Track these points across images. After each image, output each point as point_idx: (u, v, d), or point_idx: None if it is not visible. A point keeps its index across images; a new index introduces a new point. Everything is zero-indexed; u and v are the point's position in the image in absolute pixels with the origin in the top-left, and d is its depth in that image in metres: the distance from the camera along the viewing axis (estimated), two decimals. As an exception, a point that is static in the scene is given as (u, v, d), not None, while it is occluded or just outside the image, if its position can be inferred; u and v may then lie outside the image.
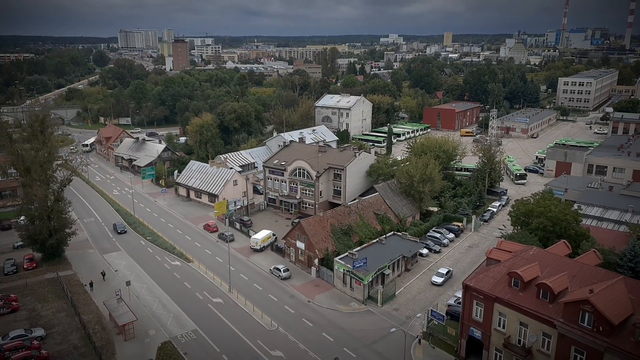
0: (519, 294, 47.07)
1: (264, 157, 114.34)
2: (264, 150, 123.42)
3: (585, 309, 41.58)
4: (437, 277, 69.53)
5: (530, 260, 49.57)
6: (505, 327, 48.11)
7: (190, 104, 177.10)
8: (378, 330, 58.32)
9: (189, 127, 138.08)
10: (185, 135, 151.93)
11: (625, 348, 39.43)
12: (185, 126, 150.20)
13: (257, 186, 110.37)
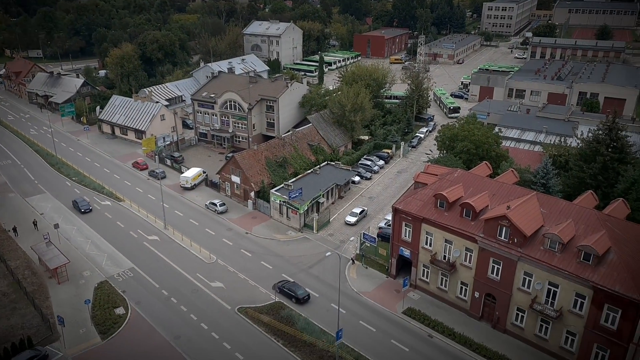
0: (444, 214, 50.31)
1: (192, 89, 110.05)
2: (191, 82, 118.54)
3: (502, 224, 45.29)
4: (350, 216, 68.54)
5: (454, 182, 52.62)
6: (431, 245, 51.71)
7: (107, 33, 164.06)
8: (314, 255, 60.83)
9: (108, 59, 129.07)
10: (104, 68, 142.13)
11: (535, 256, 43.83)
12: (104, 58, 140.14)
13: (186, 121, 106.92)
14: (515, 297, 46.19)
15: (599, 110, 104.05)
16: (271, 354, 45.56)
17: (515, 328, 47.25)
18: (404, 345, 46.61)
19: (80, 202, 71.60)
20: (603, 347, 41.47)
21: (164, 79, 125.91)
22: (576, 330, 42.81)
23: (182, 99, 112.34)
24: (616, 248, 41.80)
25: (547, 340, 45.13)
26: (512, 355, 45.04)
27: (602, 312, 40.80)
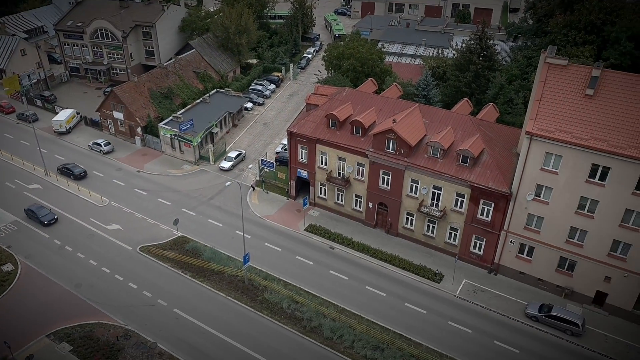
0: (336, 133, 51.94)
1: (54, 18, 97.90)
2: (51, 9, 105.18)
3: (389, 137, 47.91)
4: (225, 162, 64.16)
5: (344, 101, 53.99)
6: (327, 164, 53.63)
7: None
8: (213, 186, 60.45)
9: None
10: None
11: (420, 164, 47.43)
12: None
13: (52, 55, 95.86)
14: (404, 203, 50.24)
15: (470, 20, 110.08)
16: (180, 287, 45.97)
17: (406, 231, 51.85)
18: (308, 259, 49.34)
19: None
20: (480, 237, 47.22)
21: (18, 7, 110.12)
22: (458, 226, 48.06)
23: (44, 30, 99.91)
24: (488, 149, 46.47)
25: (434, 238, 50.28)
26: (404, 254, 49.72)
27: (478, 207, 45.97)
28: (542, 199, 42.46)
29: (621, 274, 41.29)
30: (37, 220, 53.74)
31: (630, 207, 38.80)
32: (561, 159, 40.22)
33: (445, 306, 44.29)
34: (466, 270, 48.05)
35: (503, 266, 47.18)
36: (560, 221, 42.39)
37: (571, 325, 40.92)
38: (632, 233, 39.53)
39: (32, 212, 54.25)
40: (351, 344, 40.13)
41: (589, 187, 39.85)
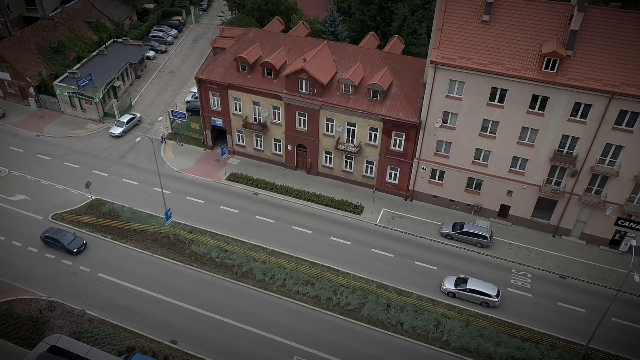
0: (247, 77, 50.74)
1: None
2: None
3: (302, 77, 47.63)
4: (116, 127, 59.04)
5: (251, 42, 52.43)
6: (241, 110, 52.64)
7: None
8: (123, 144, 57.59)
9: None
10: None
11: (334, 102, 47.92)
12: None
13: None
14: (322, 143, 50.99)
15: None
16: (102, 251, 44.48)
17: (326, 169, 53.02)
18: (233, 208, 49.35)
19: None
20: (394, 167, 49.41)
21: None
22: (373, 159, 49.83)
23: None
24: (397, 81, 47.75)
25: (352, 173, 51.92)
26: (326, 192, 51.13)
27: (391, 139, 47.75)
28: (449, 125, 44.87)
29: (520, 187, 45.40)
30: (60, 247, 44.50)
31: (525, 125, 42.13)
32: (464, 85, 42.35)
33: (368, 235, 46.65)
34: (384, 199, 50.48)
35: (418, 192, 50.06)
36: (466, 144, 45.23)
37: (481, 239, 44.88)
38: (528, 149, 43.19)
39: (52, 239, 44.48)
40: (283, 283, 41.50)
41: (489, 109, 42.57)
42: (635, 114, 38.44)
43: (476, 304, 39.96)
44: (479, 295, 39.70)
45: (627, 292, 41.15)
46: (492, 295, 39.58)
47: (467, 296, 40.05)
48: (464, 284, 40.52)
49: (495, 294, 39.69)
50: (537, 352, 36.40)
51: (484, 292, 39.71)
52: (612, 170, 41.24)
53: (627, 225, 43.43)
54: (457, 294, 40.42)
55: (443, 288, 41.01)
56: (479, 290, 39.76)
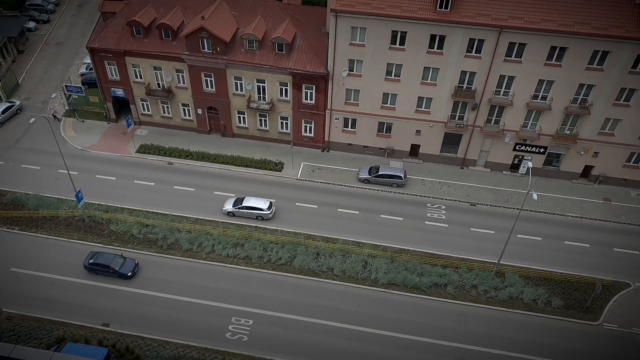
0: (144, 41, 47.91)
1: None
2: None
3: (202, 36, 45.75)
4: None
5: (144, 4, 49.20)
6: (142, 77, 49.93)
7: None
8: (16, 127, 52.96)
9: None
10: None
11: (239, 59, 46.75)
12: None
13: None
14: (233, 103, 49.99)
15: None
16: (11, 244, 41.58)
17: (240, 130, 52.29)
18: (148, 180, 47.67)
19: None
20: (309, 120, 49.75)
21: None
22: (287, 114, 49.77)
23: None
24: (300, 33, 47.30)
25: (268, 131, 51.67)
26: (244, 153, 50.71)
27: (302, 93, 47.79)
28: (356, 72, 45.59)
29: (427, 125, 47.67)
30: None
31: (427, 65, 43.80)
32: (365, 31, 42.87)
33: (291, 190, 47.26)
34: (302, 153, 51.02)
35: (333, 142, 51.04)
36: (374, 90, 46.35)
37: (396, 179, 47.05)
38: (431, 88, 45.13)
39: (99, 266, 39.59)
40: (212, 249, 41.37)
41: (392, 53, 43.63)
42: (522, 45, 41.17)
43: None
44: (253, 210, 43.61)
45: (528, 210, 45.41)
46: (264, 209, 43.56)
47: (243, 213, 43.91)
48: (240, 203, 44.03)
49: (267, 206, 43.83)
50: (457, 275, 39.61)
51: (257, 207, 43.53)
52: (507, 100, 44.32)
53: (523, 150, 47.39)
54: (235, 213, 44.14)
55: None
56: (253, 206, 43.54)
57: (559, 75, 42.13)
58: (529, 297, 38.18)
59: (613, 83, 41.61)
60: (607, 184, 48.06)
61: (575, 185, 48.36)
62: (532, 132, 45.93)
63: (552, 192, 47.37)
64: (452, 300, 38.20)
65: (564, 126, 45.27)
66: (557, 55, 41.26)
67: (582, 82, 42.13)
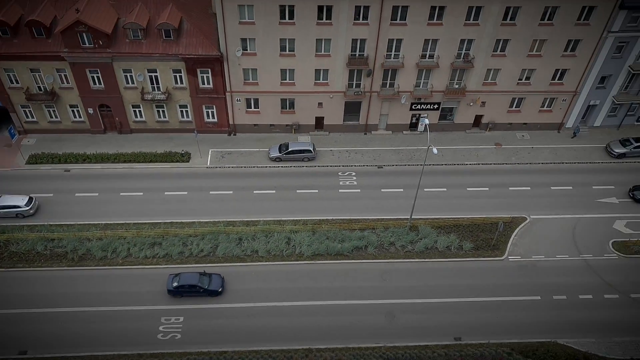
0: (14, 42, 43.77)
1: None
2: None
3: (80, 30, 42.64)
4: None
5: (5, 1, 44.70)
6: (19, 82, 45.79)
7: None
8: None
9: None
10: None
11: (125, 51, 44.29)
12: None
13: None
14: (126, 97, 47.48)
15: None
16: None
17: (139, 124, 49.95)
18: (45, 192, 44.32)
19: None
20: (209, 105, 48.66)
21: None
22: (186, 102, 48.26)
23: None
24: (186, 16, 45.63)
25: (168, 122, 49.86)
26: (146, 148, 48.69)
27: (197, 78, 46.46)
28: (250, 51, 45.06)
29: (328, 96, 48.58)
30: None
31: (319, 37, 44.29)
32: (253, 7, 42.26)
33: (202, 180, 46.35)
34: (209, 140, 50.00)
35: (239, 125, 50.48)
36: (271, 67, 46.17)
37: (306, 153, 47.73)
38: (326, 59, 45.81)
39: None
40: (127, 253, 39.76)
41: (283, 28, 43.53)
42: (405, 8, 42.86)
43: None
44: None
45: (431, 164, 48.31)
46: (22, 206, 41.29)
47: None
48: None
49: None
50: (375, 236, 41.50)
51: None
52: (398, 63, 46.22)
53: (419, 108, 49.98)
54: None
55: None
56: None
57: (442, 33, 44.57)
58: (443, 245, 41.06)
59: (489, 36, 44.82)
60: (496, 129, 52.24)
61: (469, 135, 52.07)
62: (424, 91, 48.45)
63: (450, 145, 50.68)
64: (374, 260, 40.09)
65: (453, 81, 48.24)
66: (437, 15, 43.50)
67: (463, 37, 44.91)
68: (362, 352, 34.21)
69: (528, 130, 52.41)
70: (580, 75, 48.10)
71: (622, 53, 46.64)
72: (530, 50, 46.09)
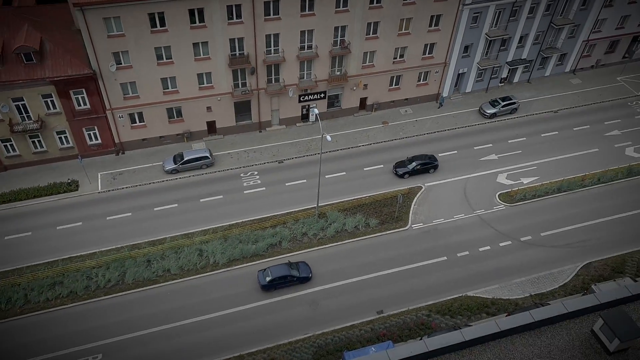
0: None
1: None
2: None
3: None
4: None
5: None
6: None
7: None
8: None
9: None
10: None
11: (20, 77, 40.30)
12: None
13: None
14: (-9, 132, 43.18)
15: None
16: None
17: (13, 159, 45.59)
18: None
19: None
20: (90, 127, 45.66)
21: None
22: (63, 127, 44.87)
23: None
24: (47, 36, 42.26)
25: (47, 151, 46.08)
26: (26, 184, 44.75)
27: (72, 100, 43.38)
28: (125, 64, 42.96)
29: (215, 99, 47.85)
30: None
31: (194, 41, 43.37)
32: (120, 19, 40.26)
33: (96, 206, 43.62)
34: (96, 164, 47.09)
35: (126, 142, 48.04)
36: (150, 78, 44.42)
37: (203, 160, 46.75)
38: (206, 62, 45.04)
39: None
40: (25, 299, 36.43)
41: (156, 36, 41.98)
42: (277, 2, 43.29)
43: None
44: None
45: (327, 152, 49.66)
46: None
47: None
48: None
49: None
50: (287, 230, 41.95)
51: None
52: (279, 57, 46.67)
53: (307, 99, 51.01)
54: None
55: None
56: None
57: (316, 23, 45.71)
58: (351, 226, 42.61)
59: (360, 20, 46.77)
60: (381, 109, 54.87)
61: (358, 118, 54.21)
62: (309, 82, 49.48)
63: (342, 130, 52.42)
64: (290, 254, 40.59)
65: (334, 68, 49.77)
66: (309, 6, 44.52)
67: (336, 25, 46.43)
68: (293, 346, 34.67)
69: (410, 105, 55.71)
70: (447, 47, 51.99)
71: (478, 22, 51.14)
72: (400, 29, 48.88)
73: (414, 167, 46.85)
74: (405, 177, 47.07)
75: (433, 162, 47.31)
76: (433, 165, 47.29)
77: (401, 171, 46.90)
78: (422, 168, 47.01)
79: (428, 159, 47.47)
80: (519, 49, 55.58)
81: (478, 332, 19.45)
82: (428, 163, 47.15)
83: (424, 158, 47.44)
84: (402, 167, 47.12)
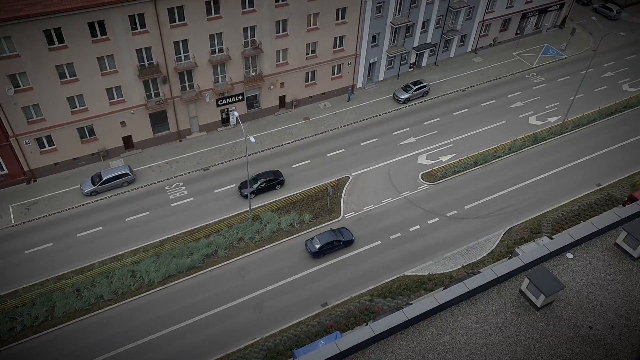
0: None
1: None
2: None
3: None
4: None
5: None
6: None
7: None
8: None
9: None
10: None
11: None
12: None
13: None
14: None
15: None
16: None
17: None
18: None
19: None
20: (-8, 157, 42.41)
21: None
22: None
23: None
24: None
25: (-56, 189, 42.14)
26: None
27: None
28: (24, 86, 40.12)
29: (129, 113, 45.95)
30: None
31: (98, 55, 41.29)
32: (12, 38, 37.49)
33: (12, 241, 40.52)
34: (5, 196, 43.70)
35: (36, 169, 44.92)
36: (54, 98, 41.81)
37: (124, 177, 44.77)
38: (114, 76, 43.07)
39: None
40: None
41: (55, 54, 39.55)
42: (181, 8, 42.23)
43: (154, 234, 41.41)
44: None
45: (253, 153, 49.34)
46: None
47: None
48: None
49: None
50: (222, 238, 41.29)
51: None
52: (191, 63, 45.61)
53: (225, 103, 50.30)
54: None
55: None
56: None
57: (224, 26, 45.09)
58: (286, 224, 42.73)
59: (268, 19, 46.75)
60: (301, 105, 55.30)
61: (279, 116, 54.27)
62: (225, 85, 48.80)
63: (265, 130, 52.28)
64: (228, 261, 40.04)
65: (248, 69, 49.40)
66: (214, 9, 43.81)
67: (245, 25, 46.07)
68: (243, 353, 34.36)
69: (328, 99, 56.58)
70: (356, 39, 53.30)
71: (382, 12, 52.83)
72: (308, 25, 49.42)
73: (258, 186, 44.66)
74: (251, 196, 44.86)
75: (278, 179, 45.71)
76: (279, 182, 45.69)
77: (245, 192, 44.58)
78: (267, 186, 45.16)
79: (273, 174, 45.77)
80: (423, 34, 58.14)
81: (419, 309, 20.39)
82: (273, 180, 45.41)
83: (268, 175, 45.61)
84: (245, 188, 44.79)
